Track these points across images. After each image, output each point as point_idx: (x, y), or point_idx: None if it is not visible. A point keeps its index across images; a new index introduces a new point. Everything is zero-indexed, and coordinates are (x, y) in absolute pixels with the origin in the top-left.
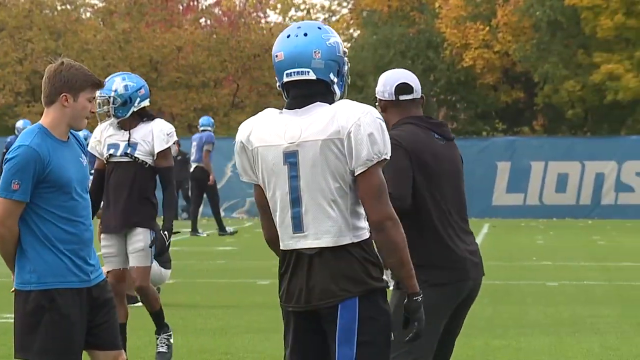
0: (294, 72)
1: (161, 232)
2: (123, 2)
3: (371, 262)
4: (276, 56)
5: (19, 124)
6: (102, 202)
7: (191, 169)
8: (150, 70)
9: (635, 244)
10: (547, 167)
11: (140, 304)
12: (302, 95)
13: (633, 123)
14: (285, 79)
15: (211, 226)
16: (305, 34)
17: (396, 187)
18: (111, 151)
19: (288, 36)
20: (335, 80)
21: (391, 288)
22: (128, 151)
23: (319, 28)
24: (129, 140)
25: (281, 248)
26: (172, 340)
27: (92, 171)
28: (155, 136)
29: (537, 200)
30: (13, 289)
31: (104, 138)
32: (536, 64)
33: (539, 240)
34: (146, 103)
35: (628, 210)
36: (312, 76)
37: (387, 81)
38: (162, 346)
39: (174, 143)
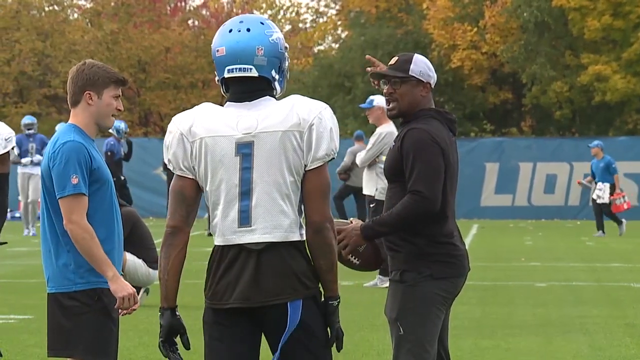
0: (236, 69)
1: None
2: (110, 3)
3: (311, 263)
4: (217, 50)
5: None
6: None
7: None
8: (139, 71)
9: (623, 244)
10: (535, 168)
11: None
12: (244, 91)
13: (621, 124)
14: (227, 75)
15: (200, 227)
16: (248, 29)
17: (430, 188)
18: None
19: (230, 30)
20: (277, 77)
21: (384, 286)
22: None
23: (262, 23)
24: None
25: (218, 243)
26: None
27: None
28: None
29: (526, 201)
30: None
31: None
32: (524, 65)
33: (527, 241)
34: None
35: None
36: (254, 73)
37: (430, 66)
38: None
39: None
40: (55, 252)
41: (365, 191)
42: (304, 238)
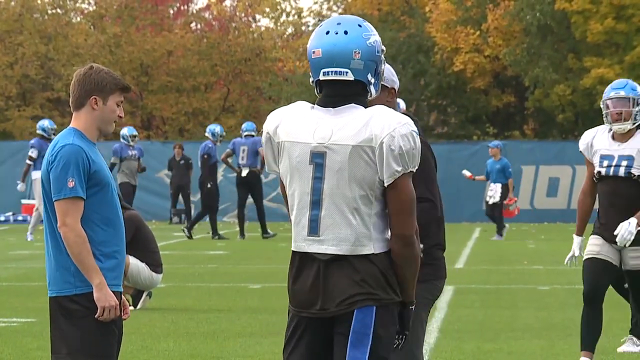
0: (332, 72)
1: None
2: (113, 6)
3: (391, 274)
4: (313, 52)
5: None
6: None
7: (244, 174)
8: (141, 74)
9: None
10: (538, 171)
11: (131, 307)
12: (337, 94)
13: None
14: (322, 77)
15: (202, 230)
16: (346, 32)
17: (433, 193)
18: None
19: (327, 32)
20: (373, 81)
21: None
22: None
23: (360, 26)
24: None
25: (292, 248)
26: None
27: None
28: None
29: (528, 204)
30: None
31: None
32: (526, 68)
33: (530, 244)
34: None
35: None
36: (350, 77)
37: (393, 72)
38: None
39: (178, 147)
40: (55, 255)
41: None
42: (379, 251)
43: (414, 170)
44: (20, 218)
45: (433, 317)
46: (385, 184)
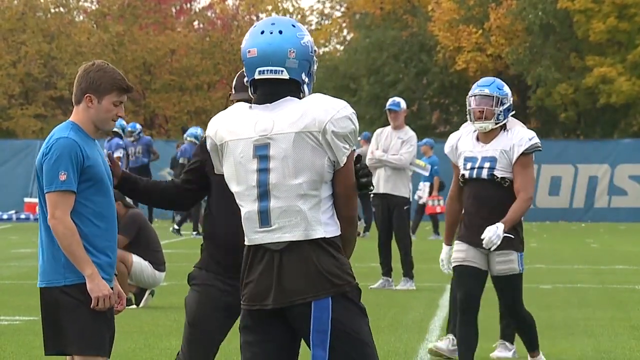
0: (267, 70)
1: None
2: (116, 4)
3: (342, 257)
4: (248, 52)
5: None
6: None
7: None
8: (144, 73)
9: (628, 247)
10: (540, 170)
11: (134, 306)
12: (273, 92)
13: (626, 126)
14: (257, 76)
15: None
16: (280, 32)
17: None
18: None
19: (262, 32)
20: (307, 80)
21: (391, 287)
22: None
23: (293, 26)
24: None
25: (245, 243)
26: None
27: None
28: None
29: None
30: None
31: None
32: (529, 67)
33: (532, 243)
34: None
35: (621, 213)
36: (285, 75)
37: None
38: None
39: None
40: (46, 246)
41: (402, 193)
42: (331, 235)
43: (354, 150)
44: (23, 216)
45: (435, 315)
46: (341, 164)
